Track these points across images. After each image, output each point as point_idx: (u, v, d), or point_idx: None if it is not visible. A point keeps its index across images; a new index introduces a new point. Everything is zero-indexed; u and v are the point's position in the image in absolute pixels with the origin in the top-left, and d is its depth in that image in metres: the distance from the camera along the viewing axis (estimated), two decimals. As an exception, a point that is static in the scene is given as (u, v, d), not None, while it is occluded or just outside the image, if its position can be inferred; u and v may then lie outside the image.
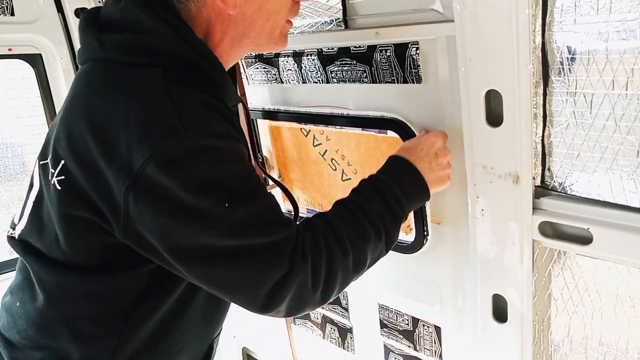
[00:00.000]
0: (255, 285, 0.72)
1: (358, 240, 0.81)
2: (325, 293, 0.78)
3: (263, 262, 0.72)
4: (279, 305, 0.75)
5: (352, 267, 0.80)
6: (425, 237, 1.16)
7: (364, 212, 0.83)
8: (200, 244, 0.70)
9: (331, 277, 0.77)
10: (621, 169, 0.78)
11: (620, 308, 0.85)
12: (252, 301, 0.74)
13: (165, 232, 0.70)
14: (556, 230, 0.89)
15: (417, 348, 1.31)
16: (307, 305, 0.78)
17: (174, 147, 0.68)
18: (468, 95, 0.89)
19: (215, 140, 0.72)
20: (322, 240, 0.78)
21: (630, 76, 0.73)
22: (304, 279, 0.74)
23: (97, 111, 0.74)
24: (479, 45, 0.84)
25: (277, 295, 0.73)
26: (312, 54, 1.19)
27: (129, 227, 0.71)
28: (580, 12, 0.75)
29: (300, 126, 1.42)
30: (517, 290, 0.94)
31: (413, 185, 0.90)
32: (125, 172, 0.68)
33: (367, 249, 0.82)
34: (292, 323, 1.64)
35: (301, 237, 0.76)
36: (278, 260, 0.73)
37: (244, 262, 0.71)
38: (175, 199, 0.68)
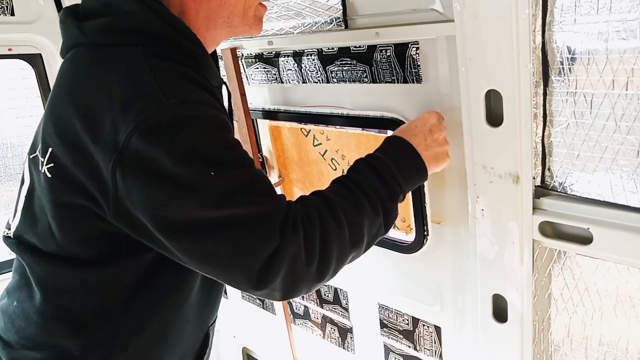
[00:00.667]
0: (247, 259, 0.70)
1: (353, 214, 0.79)
2: (321, 268, 0.75)
3: (254, 234, 0.70)
4: (273, 281, 0.72)
5: (348, 241, 0.78)
6: (426, 237, 1.16)
7: (359, 187, 0.82)
8: (188, 217, 0.69)
9: (326, 250, 0.75)
10: (621, 169, 0.78)
11: (620, 308, 0.85)
12: (245, 277, 0.72)
13: (153, 206, 0.69)
14: (556, 230, 0.89)
15: (417, 348, 1.31)
16: (303, 282, 0.75)
17: (156, 116, 0.68)
18: (468, 95, 0.89)
19: (198, 108, 0.71)
20: (315, 213, 0.76)
21: (631, 76, 0.73)
22: (297, 251, 0.72)
23: (81, 93, 0.74)
24: (479, 45, 0.83)
25: (270, 269, 0.71)
26: (312, 54, 1.19)
27: (119, 207, 0.71)
28: (580, 12, 0.75)
29: (301, 126, 1.42)
30: (517, 290, 0.94)
31: (409, 162, 0.89)
32: (112, 148, 0.68)
33: (363, 223, 0.80)
34: (292, 323, 1.64)
35: (292, 210, 0.75)
36: (269, 231, 0.71)
37: (234, 235, 0.70)
38: (161, 169, 0.67)
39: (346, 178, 0.85)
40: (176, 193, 0.68)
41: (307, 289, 0.77)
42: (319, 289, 1.53)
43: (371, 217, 0.81)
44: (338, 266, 0.79)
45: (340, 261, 0.79)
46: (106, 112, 0.69)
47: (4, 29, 1.58)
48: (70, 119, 0.73)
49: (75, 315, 0.82)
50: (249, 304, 1.82)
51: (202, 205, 0.69)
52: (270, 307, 1.72)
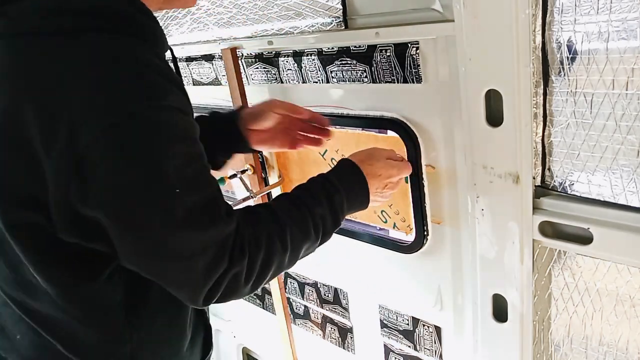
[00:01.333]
0: (198, 283, 0.71)
1: (299, 239, 0.81)
2: (254, 285, 0.77)
3: (208, 260, 0.70)
4: (211, 300, 0.74)
5: (286, 262, 0.81)
6: (426, 237, 1.16)
7: (310, 213, 0.83)
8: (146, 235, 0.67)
9: (265, 271, 0.77)
10: (621, 169, 0.78)
11: (621, 308, 0.85)
12: (192, 297, 0.73)
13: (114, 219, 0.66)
14: (556, 230, 0.89)
15: (417, 348, 1.31)
16: (234, 296, 0.77)
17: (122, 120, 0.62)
18: (468, 95, 0.89)
19: (167, 114, 0.66)
20: (264, 236, 0.77)
21: (631, 76, 0.73)
22: (239, 273, 0.73)
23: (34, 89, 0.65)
24: (479, 45, 0.83)
25: (215, 290, 0.72)
26: (312, 54, 1.19)
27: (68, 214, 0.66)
28: (580, 12, 0.75)
29: (301, 126, 1.42)
30: (517, 290, 0.94)
31: (358, 199, 0.92)
32: (69, 155, 0.62)
33: (303, 247, 0.83)
34: (292, 323, 1.64)
35: (241, 232, 0.74)
36: (221, 257, 0.71)
37: (190, 259, 0.69)
38: (123, 181, 0.64)
39: (300, 199, 0.85)
40: (138, 209, 0.66)
41: (235, 299, 0.79)
42: (319, 288, 1.53)
43: (312, 243, 0.85)
44: (269, 280, 0.82)
45: (273, 277, 0.82)
46: (64, 111, 0.62)
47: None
48: (17, 117, 0.64)
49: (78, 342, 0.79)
50: (249, 304, 1.82)
51: (161, 225, 0.67)
52: (270, 307, 1.72)
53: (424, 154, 1.09)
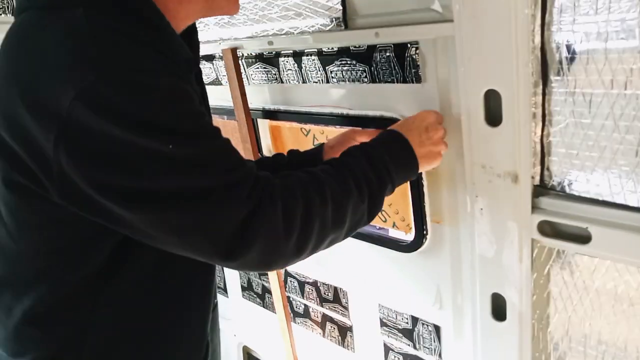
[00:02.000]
0: (215, 229, 0.66)
1: (339, 194, 0.76)
2: (300, 243, 0.71)
3: (220, 202, 0.66)
4: (247, 253, 0.68)
5: (330, 219, 0.74)
6: (425, 237, 1.16)
7: (349, 169, 0.79)
8: (146, 189, 0.64)
9: (307, 224, 0.71)
10: (620, 168, 0.78)
11: (619, 307, 0.86)
12: (215, 246, 0.67)
13: (106, 182, 0.63)
14: (555, 230, 0.89)
15: (417, 347, 1.31)
16: (279, 257, 0.71)
17: (102, 83, 0.60)
18: (467, 95, 0.89)
19: (149, 76, 0.64)
20: (298, 186, 0.73)
21: (629, 76, 0.73)
22: (275, 222, 0.68)
23: (19, 62, 0.67)
24: (478, 45, 0.84)
25: (242, 240, 0.67)
26: (312, 54, 1.19)
27: (65, 185, 0.64)
28: (579, 12, 0.75)
29: (300, 126, 1.42)
30: (516, 289, 0.94)
31: (402, 155, 0.87)
32: (52, 120, 0.61)
33: (347, 205, 0.76)
34: (292, 321, 1.64)
35: (265, 179, 0.71)
36: (236, 199, 0.66)
37: (198, 204, 0.65)
38: (110, 140, 0.61)
39: (336, 160, 0.82)
40: (129, 166, 0.62)
41: (283, 263, 0.73)
42: (319, 287, 1.54)
43: (356, 202, 0.78)
44: (317, 245, 0.75)
45: (320, 240, 0.75)
46: (44, 81, 0.62)
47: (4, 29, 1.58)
48: (8, 91, 0.66)
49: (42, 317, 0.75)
50: (249, 303, 1.83)
51: (160, 176, 0.63)
52: (270, 305, 1.72)
53: (424, 153, 1.09)
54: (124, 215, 0.65)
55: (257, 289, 1.76)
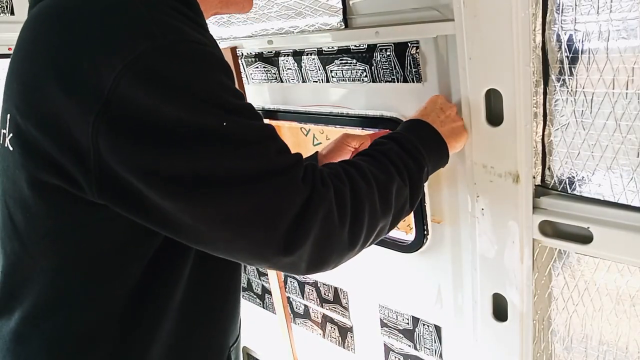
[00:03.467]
0: (274, 213, 0.59)
1: (382, 179, 0.71)
2: (353, 231, 0.66)
3: (277, 187, 0.59)
4: (304, 244, 0.61)
5: (378, 204, 0.70)
6: (426, 237, 1.16)
7: (385, 155, 0.75)
8: (200, 173, 0.56)
9: (359, 210, 0.66)
10: (621, 168, 0.78)
11: (621, 307, 0.85)
12: (271, 240, 0.59)
13: (153, 166, 0.55)
14: (556, 230, 0.89)
15: (417, 347, 1.31)
16: (334, 248, 0.65)
17: (152, 55, 0.54)
18: (468, 95, 0.89)
19: (201, 49, 0.58)
20: (343, 172, 0.68)
21: (631, 75, 0.73)
22: (329, 208, 0.62)
23: (52, 38, 0.59)
24: (479, 44, 0.83)
25: (300, 229, 0.60)
26: (312, 53, 1.19)
27: (104, 176, 0.56)
28: (580, 11, 0.75)
29: (300, 125, 1.42)
30: (517, 289, 0.94)
31: (430, 137, 0.85)
32: (92, 99, 0.53)
33: (392, 189, 0.72)
34: (292, 322, 1.64)
35: (316, 167, 0.66)
36: (293, 184, 0.60)
37: (255, 189, 0.58)
38: (161, 118, 0.54)
39: (367, 150, 0.79)
40: (182, 145, 0.55)
41: (337, 259, 0.67)
42: (319, 288, 1.53)
43: (399, 185, 0.74)
44: (368, 235, 0.70)
45: (371, 229, 0.70)
46: (84, 54, 0.54)
47: (4, 28, 1.57)
48: (35, 71, 0.58)
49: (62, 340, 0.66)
50: (249, 303, 1.82)
51: (215, 157, 0.56)
52: (270, 306, 1.72)
53: (424, 153, 1.09)
54: (169, 210, 0.57)
55: (257, 290, 1.76)
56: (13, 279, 0.68)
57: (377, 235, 0.74)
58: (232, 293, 0.81)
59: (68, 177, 0.57)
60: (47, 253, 0.65)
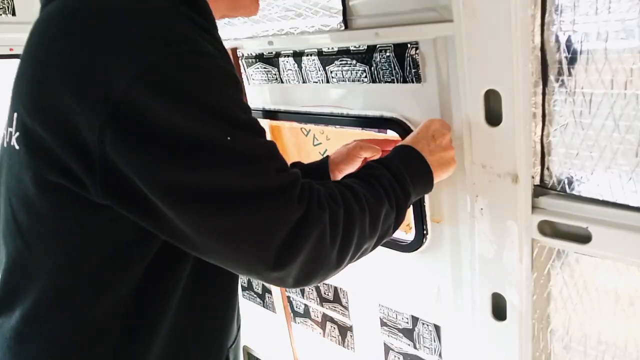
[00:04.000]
0: (267, 231, 0.60)
1: (373, 202, 0.74)
2: (341, 252, 0.67)
3: (274, 205, 0.61)
4: (294, 262, 0.62)
5: (367, 227, 0.72)
6: (425, 236, 1.16)
7: (377, 180, 0.78)
8: (199, 186, 0.57)
9: (349, 231, 0.68)
10: (620, 168, 0.79)
11: (619, 307, 0.86)
12: (263, 254, 0.61)
13: (156, 173, 0.56)
14: (555, 229, 0.89)
15: (417, 346, 1.31)
16: (322, 266, 0.66)
17: (165, 63, 0.55)
18: (467, 95, 0.89)
19: (212, 62, 0.60)
20: (338, 193, 0.70)
21: (629, 76, 0.73)
22: (323, 229, 0.64)
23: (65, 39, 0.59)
24: (478, 45, 0.84)
25: (292, 247, 0.61)
26: (312, 54, 1.19)
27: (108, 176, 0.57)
28: (579, 12, 0.75)
29: (301, 126, 1.42)
30: (516, 288, 0.95)
31: (417, 166, 0.86)
32: (102, 100, 0.54)
33: (380, 214, 0.75)
34: (292, 321, 1.64)
35: (311, 185, 0.67)
36: (289, 202, 0.62)
37: (254, 206, 0.59)
38: (168, 126, 0.55)
39: (358, 173, 0.81)
40: (184, 156, 0.56)
41: (322, 276, 0.68)
42: (319, 287, 1.54)
43: (387, 210, 0.77)
44: (354, 255, 0.72)
45: (357, 250, 0.72)
46: (97, 56, 0.56)
47: (5, 29, 1.58)
48: (45, 72, 0.59)
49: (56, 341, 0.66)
50: (249, 302, 1.82)
51: (216, 172, 0.58)
52: (270, 305, 1.72)
53: (424, 153, 1.09)
54: (167, 215, 0.59)
55: (257, 289, 1.76)
56: (15, 277, 0.69)
57: (361, 255, 0.76)
58: (230, 292, 0.83)
59: (73, 176, 0.58)
60: (50, 252, 0.65)
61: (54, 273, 0.66)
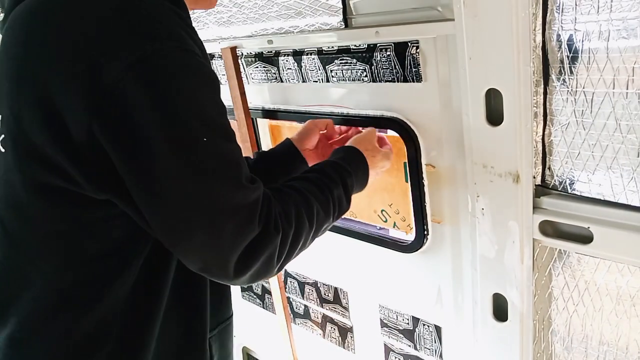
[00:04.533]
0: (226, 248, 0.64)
1: (322, 218, 0.80)
2: (283, 263, 0.73)
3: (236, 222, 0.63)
4: (246, 273, 0.67)
5: (311, 238, 0.79)
6: (426, 237, 1.16)
7: (331, 194, 0.83)
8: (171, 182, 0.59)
9: (295, 248, 0.74)
10: (622, 168, 0.78)
11: (621, 307, 0.85)
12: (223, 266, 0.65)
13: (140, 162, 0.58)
14: (556, 230, 0.89)
15: (418, 347, 1.31)
16: (265, 277, 0.71)
17: (157, 56, 0.56)
18: (468, 94, 0.89)
19: (198, 61, 0.61)
20: (294, 213, 0.73)
21: (631, 75, 0.73)
22: (274, 251, 0.68)
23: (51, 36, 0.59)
24: (479, 43, 0.83)
25: (249, 262, 0.66)
26: (312, 53, 1.19)
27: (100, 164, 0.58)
28: (580, 11, 0.75)
29: (300, 125, 1.42)
30: (517, 289, 0.94)
31: (361, 183, 0.96)
32: (93, 88, 0.55)
33: (324, 226, 0.82)
34: (292, 322, 1.64)
35: (273, 204, 0.70)
36: (250, 220, 0.65)
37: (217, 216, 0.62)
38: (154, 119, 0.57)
39: (324, 182, 0.84)
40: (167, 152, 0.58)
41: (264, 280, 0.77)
42: (319, 288, 1.53)
43: (330, 223, 0.84)
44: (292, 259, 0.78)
45: (296, 256, 0.78)
46: (85, 48, 0.56)
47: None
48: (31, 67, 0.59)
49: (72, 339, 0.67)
50: (249, 304, 1.82)
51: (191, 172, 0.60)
52: (270, 306, 1.71)
53: (424, 153, 1.09)
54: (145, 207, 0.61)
55: (257, 290, 1.76)
56: (5, 285, 0.69)
57: None
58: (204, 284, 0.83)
59: (65, 174, 0.59)
60: (47, 256, 0.66)
61: (53, 277, 0.66)
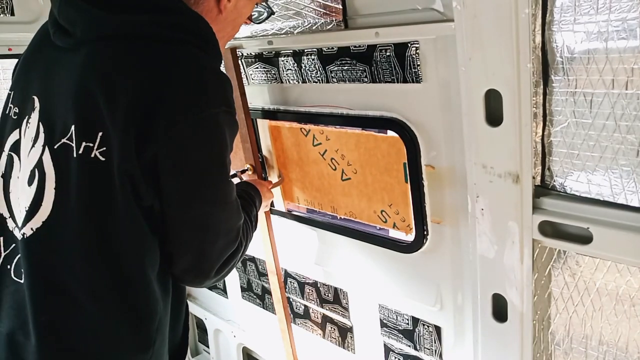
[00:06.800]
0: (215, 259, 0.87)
1: (252, 235, 1.04)
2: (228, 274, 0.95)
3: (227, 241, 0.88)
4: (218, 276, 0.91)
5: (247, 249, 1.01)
6: (425, 237, 1.16)
7: (255, 215, 1.11)
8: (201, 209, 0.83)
9: (240, 258, 0.96)
10: (621, 169, 0.78)
11: (620, 307, 0.85)
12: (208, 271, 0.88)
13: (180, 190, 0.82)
14: (556, 230, 0.89)
15: (417, 347, 1.31)
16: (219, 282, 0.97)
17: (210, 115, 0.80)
18: (468, 95, 0.89)
19: (233, 119, 0.86)
20: (246, 230, 0.97)
21: (630, 75, 0.73)
22: (237, 260, 0.93)
23: (143, 83, 0.78)
24: (479, 44, 0.83)
25: (222, 269, 0.89)
26: (312, 54, 1.19)
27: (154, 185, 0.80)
28: (580, 12, 0.75)
29: (300, 126, 1.42)
30: (517, 289, 0.94)
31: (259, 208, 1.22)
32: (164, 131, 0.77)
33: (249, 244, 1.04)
34: (292, 322, 1.64)
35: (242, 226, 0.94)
36: (234, 240, 0.89)
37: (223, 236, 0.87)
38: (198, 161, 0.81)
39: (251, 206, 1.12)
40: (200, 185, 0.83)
41: None
42: (319, 288, 1.54)
43: None
44: None
45: None
46: (172, 96, 0.78)
47: (4, 29, 1.58)
48: (128, 107, 0.77)
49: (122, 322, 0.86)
50: (249, 304, 1.82)
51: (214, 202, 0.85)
52: (270, 306, 1.72)
53: (424, 153, 1.09)
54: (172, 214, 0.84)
55: (257, 290, 1.76)
56: None
57: None
58: None
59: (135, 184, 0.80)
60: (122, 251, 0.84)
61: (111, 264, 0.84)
